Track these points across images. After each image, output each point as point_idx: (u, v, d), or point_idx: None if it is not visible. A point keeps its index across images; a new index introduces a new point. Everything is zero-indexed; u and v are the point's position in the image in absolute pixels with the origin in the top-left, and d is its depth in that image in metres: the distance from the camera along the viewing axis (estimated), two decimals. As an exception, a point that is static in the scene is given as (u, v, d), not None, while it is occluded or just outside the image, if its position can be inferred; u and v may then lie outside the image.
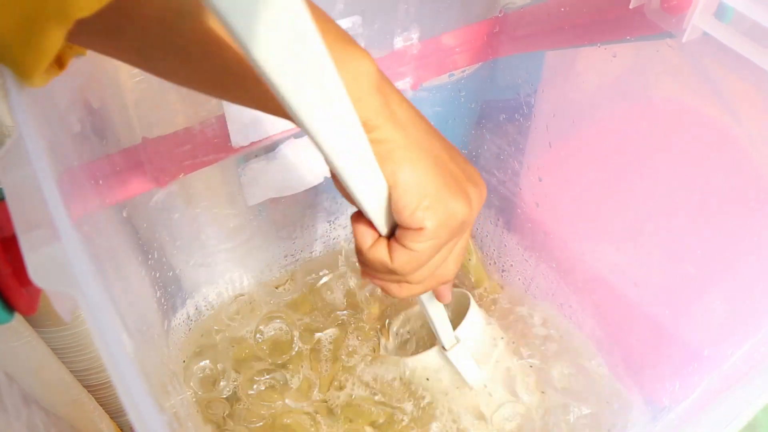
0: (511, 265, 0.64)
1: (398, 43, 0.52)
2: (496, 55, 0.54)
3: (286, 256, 0.64)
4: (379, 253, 0.32)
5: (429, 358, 0.52)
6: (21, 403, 0.42)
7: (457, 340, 0.51)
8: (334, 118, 0.25)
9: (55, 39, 0.23)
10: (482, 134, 0.61)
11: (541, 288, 0.62)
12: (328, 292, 0.63)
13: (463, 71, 0.56)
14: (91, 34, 0.24)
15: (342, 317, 0.62)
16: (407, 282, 0.34)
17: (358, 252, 0.33)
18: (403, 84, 0.54)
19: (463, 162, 0.33)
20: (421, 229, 0.30)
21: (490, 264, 0.66)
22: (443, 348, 0.51)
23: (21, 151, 0.25)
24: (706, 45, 0.39)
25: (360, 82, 0.27)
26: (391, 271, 0.32)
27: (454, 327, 0.51)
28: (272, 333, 0.60)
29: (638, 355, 0.54)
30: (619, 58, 0.45)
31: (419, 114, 0.31)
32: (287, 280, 0.65)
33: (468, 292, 0.55)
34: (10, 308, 0.26)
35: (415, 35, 0.52)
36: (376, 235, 0.32)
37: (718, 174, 0.43)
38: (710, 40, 0.38)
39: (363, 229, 0.32)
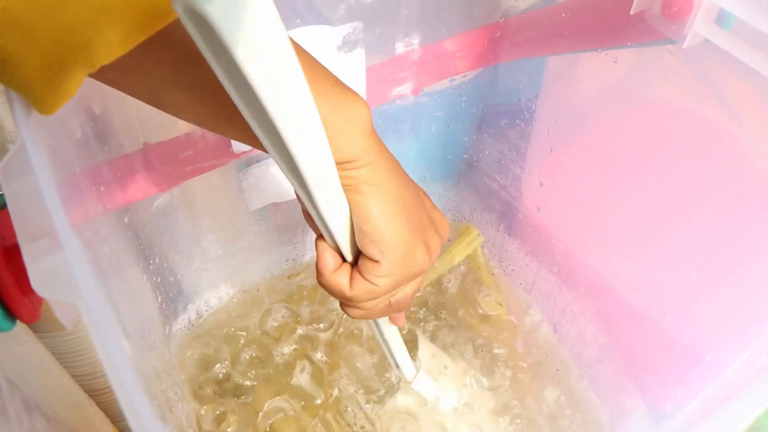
0: (513, 270, 0.64)
1: (399, 48, 0.52)
2: (497, 61, 0.54)
3: (287, 261, 0.64)
4: (340, 279, 0.33)
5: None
6: (23, 409, 0.42)
7: (417, 369, 0.52)
8: (310, 148, 0.26)
9: (78, 81, 0.23)
10: (483, 139, 0.61)
11: (542, 293, 0.62)
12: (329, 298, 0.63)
13: (464, 76, 0.56)
14: (106, 70, 0.24)
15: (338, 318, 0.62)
16: (362, 309, 0.35)
17: (319, 275, 0.34)
18: (405, 89, 0.54)
19: (431, 209, 0.35)
20: (378, 262, 0.31)
21: (490, 268, 0.66)
22: (405, 380, 0.52)
23: (23, 160, 0.26)
24: (707, 51, 0.39)
25: (356, 125, 0.28)
26: (348, 299, 0.33)
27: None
28: (274, 338, 0.60)
29: (640, 360, 0.53)
30: (621, 64, 0.45)
31: (399, 165, 0.32)
32: (290, 280, 0.65)
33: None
34: (12, 316, 0.26)
35: (416, 40, 0.52)
36: (339, 261, 0.33)
37: (720, 179, 0.43)
38: (711, 46, 0.38)
39: (327, 254, 0.33)
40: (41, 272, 0.22)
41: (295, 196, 0.56)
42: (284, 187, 0.56)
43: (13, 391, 0.43)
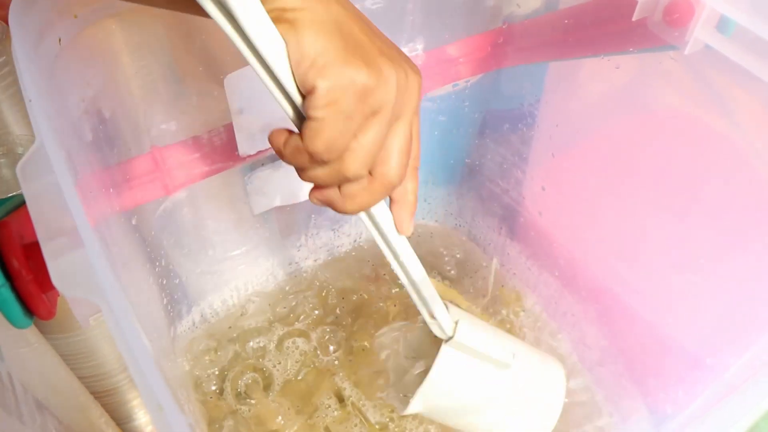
0: (514, 274, 0.65)
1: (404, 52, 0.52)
2: (500, 66, 0.55)
3: (290, 264, 0.65)
4: (292, 141, 0.31)
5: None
6: (35, 409, 0.42)
7: (454, 332, 0.41)
8: None
9: None
10: (486, 144, 0.62)
11: (543, 296, 0.62)
12: (332, 299, 0.64)
13: (467, 81, 0.57)
14: None
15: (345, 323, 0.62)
16: (343, 176, 0.31)
17: (280, 155, 0.32)
18: (409, 94, 0.55)
19: (387, 43, 0.32)
20: (313, 88, 0.28)
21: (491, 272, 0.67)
22: (441, 339, 0.41)
23: (41, 160, 0.26)
24: (708, 57, 0.40)
25: None
26: (312, 156, 0.30)
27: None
28: (277, 342, 0.61)
29: (641, 363, 0.54)
30: (623, 70, 0.46)
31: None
32: (291, 289, 0.65)
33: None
34: (30, 314, 0.26)
35: (420, 46, 0.53)
36: (289, 133, 0.32)
37: (721, 183, 0.44)
38: (712, 52, 0.39)
39: (274, 133, 0.32)
40: (62, 269, 0.23)
41: (299, 200, 0.57)
42: (289, 191, 0.56)
43: (26, 390, 0.43)
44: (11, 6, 0.32)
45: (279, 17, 0.28)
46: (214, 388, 0.58)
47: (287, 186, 0.56)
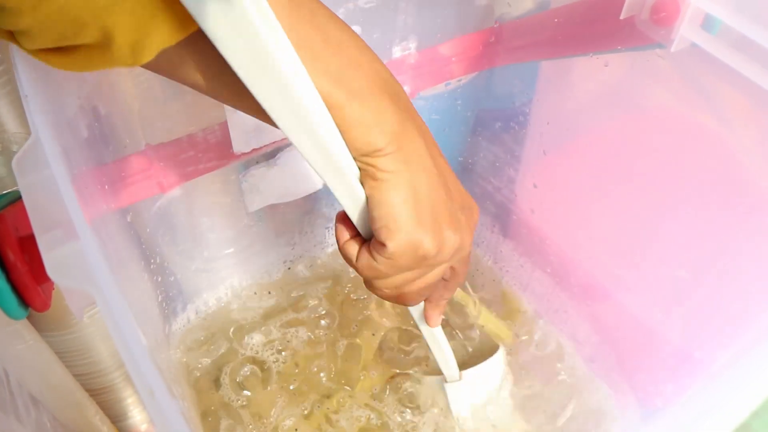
0: (507, 272, 0.65)
1: (396, 52, 0.53)
2: (492, 65, 0.55)
3: (285, 262, 0.65)
4: (350, 249, 0.36)
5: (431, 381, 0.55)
6: (30, 403, 0.43)
7: (460, 377, 0.53)
8: (310, 132, 0.28)
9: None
10: (478, 142, 0.62)
11: (536, 294, 0.63)
12: (327, 297, 0.64)
13: (459, 80, 0.57)
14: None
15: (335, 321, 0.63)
16: (373, 290, 0.37)
17: (337, 243, 0.37)
18: (401, 93, 0.55)
19: (459, 202, 0.36)
20: (382, 244, 0.32)
21: (485, 269, 0.67)
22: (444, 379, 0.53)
23: (37, 154, 0.27)
24: (694, 55, 0.40)
25: (385, 117, 0.30)
26: (356, 269, 0.36)
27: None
28: (272, 337, 0.61)
29: (632, 358, 0.55)
30: (611, 68, 0.47)
31: (426, 147, 0.33)
32: (285, 285, 0.66)
33: (502, 347, 0.57)
34: (25, 305, 0.26)
35: (412, 45, 0.53)
36: (353, 233, 0.36)
37: (708, 179, 0.44)
38: (698, 50, 0.39)
39: (342, 225, 0.36)
40: (56, 260, 0.23)
41: (293, 198, 0.57)
42: (283, 189, 0.57)
43: (22, 387, 0.44)
44: (7, 3, 0.32)
45: (369, 173, 0.31)
46: (208, 384, 0.58)
47: (282, 184, 0.56)
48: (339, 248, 0.37)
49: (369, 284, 0.37)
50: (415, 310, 0.47)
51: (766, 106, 0.39)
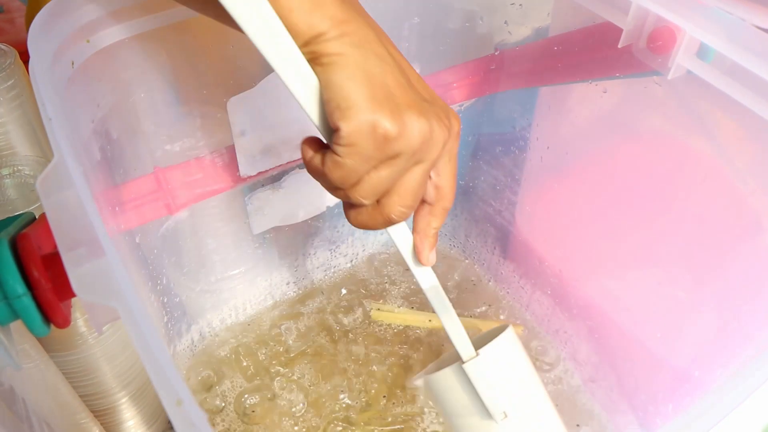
0: (507, 293, 0.66)
1: (400, 78, 0.54)
2: (493, 91, 0.57)
3: (288, 284, 0.66)
4: (316, 161, 0.33)
5: (442, 376, 0.44)
6: (45, 424, 0.43)
7: (477, 354, 0.43)
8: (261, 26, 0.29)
9: None
10: (479, 166, 0.63)
11: (536, 315, 0.64)
12: (329, 317, 0.65)
13: (461, 105, 0.59)
14: None
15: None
16: (353, 199, 0.33)
17: (305, 166, 0.35)
18: (404, 117, 0.56)
19: (422, 95, 0.33)
20: (336, 129, 0.31)
21: (487, 291, 0.68)
22: (461, 360, 0.43)
23: (60, 175, 0.27)
24: (690, 82, 0.41)
25: None
26: (330, 183, 0.33)
27: None
28: (275, 360, 0.62)
29: (632, 378, 0.55)
30: (610, 94, 0.48)
31: (378, 37, 0.32)
32: (289, 306, 0.66)
33: (510, 326, 0.46)
34: (47, 322, 0.27)
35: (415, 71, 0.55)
36: (318, 147, 0.34)
37: (704, 202, 0.46)
38: (694, 78, 0.40)
39: (306, 142, 0.34)
40: (82, 277, 0.24)
41: (297, 221, 0.58)
42: (288, 211, 0.58)
43: (36, 411, 0.44)
44: (30, 30, 0.33)
45: (315, 59, 0.30)
46: (211, 406, 0.59)
47: (286, 207, 0.57)
48: (307, 168, 0.34)
49: (346, 202, 0.35)
50: (408, 255, 0.40)
51: (759, 131, 0.40)
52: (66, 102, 0.36)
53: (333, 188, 0.34)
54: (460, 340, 0.43)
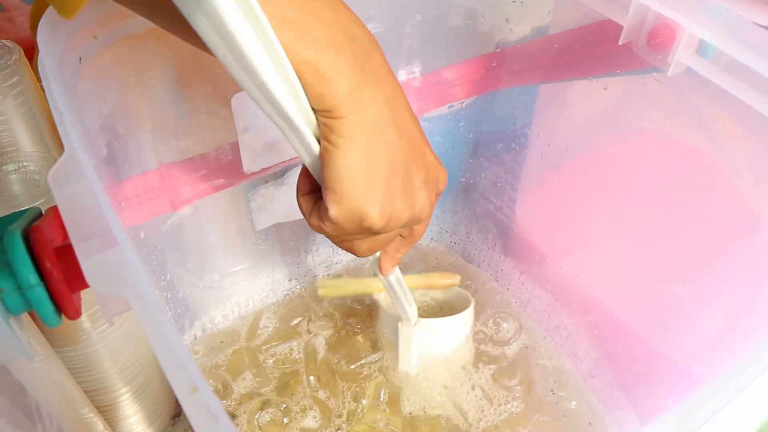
0: (508, 289, 0.67)
1: (401, 75, 0.55)
2: (494, 88, 0.57)
3: (290, 280, 0.66)
4: (303, 204, 0.36)
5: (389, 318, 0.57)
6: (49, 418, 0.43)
7: (413, 323, 0.54)
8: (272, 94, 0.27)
9: None
10: (480, 163, 0.64)
11: (536, 311, 0.64)
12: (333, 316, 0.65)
13: (462, 103, 0.59)
14: None
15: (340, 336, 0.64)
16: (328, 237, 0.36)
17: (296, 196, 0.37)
18: (406, 114, 0.57)
19: (424, 167, 0.35)
20: (326, 209, 0.32)
21: (487, 287, 0.68)
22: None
23: (71, 168, 0.28)
24: (689, 79, 0.42)
25: (340, 73, 0.28)
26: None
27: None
28: (277, 358, 0.62)
29: (631, 373, 0.56)
30: (610, 91, 0.49)
31: (390, 112, 0.31)
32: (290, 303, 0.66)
33: (471, 300, 0.58)
34: (59, 313, 0.28)
35: (417, 69, 0.55)
36: (312, 188, 0.35)
37: (703, 198, 0.46)
38: (693, 74, 0.41)
39: (302, 178, 0.36)
40: (95, 268, 0.24)
41: (300, 217, 0.59)
42: (290, 208, 0.58)
43: (51, 416, 0.44)
44: (40, 26, 0.34)
45: (324, 133, 0.30)
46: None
47: (289, 203, 0.57)
48: (297, 199, 0.37)
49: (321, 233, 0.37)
50: (373, 262, 0.47)
51: (757, 126, 0.40)
52: (74, 97, 0.37)
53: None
54: (403, 309, 0.53)
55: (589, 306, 0.58)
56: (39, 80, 0.55)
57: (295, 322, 0.65)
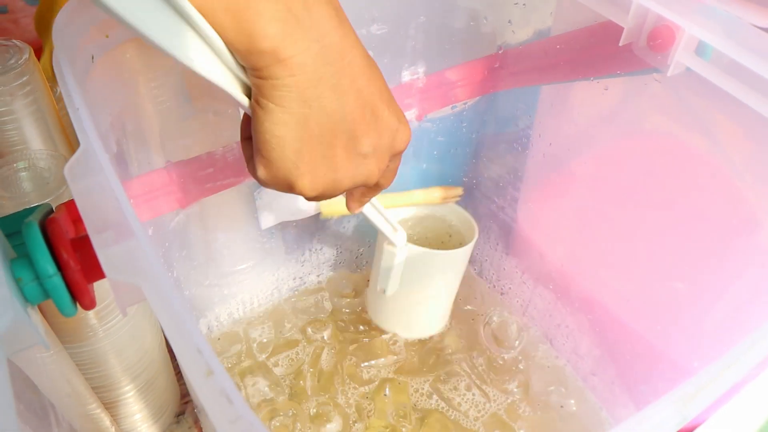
0: (510, 288, 0.67)
1: (405, 76, 0.56)
2: (496, 89, 0.58)
3: (294, 279, 0.67)
4: (243, 151, 0.34)
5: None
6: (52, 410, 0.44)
7: (398, 247, 0.55)
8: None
9: None
10: (482, 163, 0.65)
11: (538, 309, 0.65)
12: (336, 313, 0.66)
13: (464, 104, 0.60)
14: None
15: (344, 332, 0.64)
16: None
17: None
18: (410, 115, 0.58)
19: (381, 126, 0.31)
20: (254, 169, 0.31)
21: (489, 286, 0.69)
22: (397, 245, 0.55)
23: (86, 162, 0.29)
24: (689, 79, 0.43)
25: (255, 23, 0.25)
26: None
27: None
28: (281, 358, 0.63)
29: (632, 371, 0.56)
30: (610, 91, 0.49)
31: (343, 50, 0.28)
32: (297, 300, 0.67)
33: (474, 237, 0.58)
34: (74, 303, 0.28)
35: (420, 70, 0.56)
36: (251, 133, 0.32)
37: (702, 197, 0.47)
38: (693, 75, 0.42)
39: (244, 121, 0.33)
40: (111, 258, 0.25)
41: (305, 216, 0.59)
42: (296, 207, 0.59)
43: (64, 417, 0.45)
44: (54, 24, 0.34)
45: (255, 95, 0.28)
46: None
47: (294, 202, 0.58)
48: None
49: None
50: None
51: (756, 127, 0.41)
52: (86, 95, 0.37)
53: None
54: (384, 235, 0.54)
55: (591, 304, 0.59)
56: (47, 79, 0.56)
57: (300, 321, 0.65)
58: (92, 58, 0.38)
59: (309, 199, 0.32)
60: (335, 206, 0.58)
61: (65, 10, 0.35)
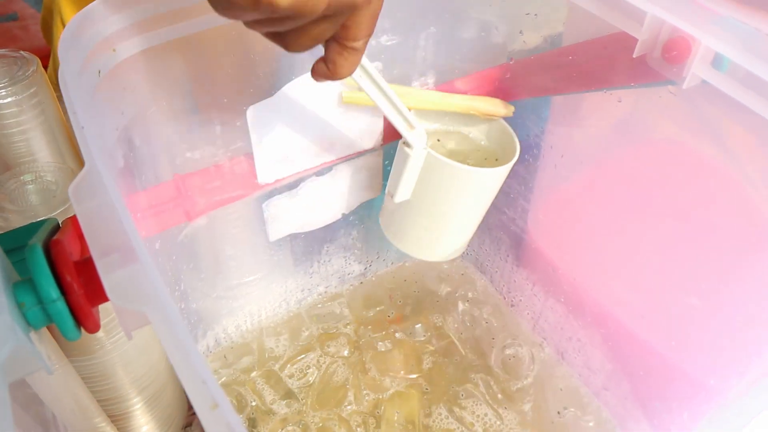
0: (520, 300, 0.67)
1: (416, 86, 0.55)
2: (507, 99, 0.57)
3: (302, 290, 0.66)
4: None
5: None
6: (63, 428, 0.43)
7: (413, 148, 0.48)
8: None
9: None
10: (493, 174, 0.64)
11: (549, 322, 0.64)
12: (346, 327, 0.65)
13: (475, 114, 0.59)
14: None
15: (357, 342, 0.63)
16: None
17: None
18: (419, 126, 0.57)
19: None
20: None
21: (500, 297, 0.68)
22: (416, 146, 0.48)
23: (91, 183, 0.28)
24: (704, 91, 0.42)
25: None
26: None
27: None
28: (291, 370, 0.62)
29: (646, 386, 0.55)
30: (624, 103, 0.48)
31: None
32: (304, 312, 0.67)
33: (516, 151, 0.51)
34: (78, 327, 0.28)
35: (431, 80, 0.55)
36: None
37: (718, 210, 0.46)
38: (709, 87, 0.41)
39: None
40: (116, 283, 0.25)
41: (313, 228, 0.59)
42: (304, 219, 0.58)
43: (66, 426, 0.44)
44: (61, 39, 0.34)
45: None
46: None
47: (303, 214, 0.58)
48: None
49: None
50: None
51: (773, 139, 0.40)
52: (93, 110, 0.37)
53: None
54: (397, 129, 0.48)
55: (603, 317, 0.58)
56: (55, 90, 0.56)
57: (309, 333, 0.65)
58: (98, 72, 0.37)
59: (283, 9, 0.27)
60: (357, 96, 0.51)
61: (72, 25, 0.35)
